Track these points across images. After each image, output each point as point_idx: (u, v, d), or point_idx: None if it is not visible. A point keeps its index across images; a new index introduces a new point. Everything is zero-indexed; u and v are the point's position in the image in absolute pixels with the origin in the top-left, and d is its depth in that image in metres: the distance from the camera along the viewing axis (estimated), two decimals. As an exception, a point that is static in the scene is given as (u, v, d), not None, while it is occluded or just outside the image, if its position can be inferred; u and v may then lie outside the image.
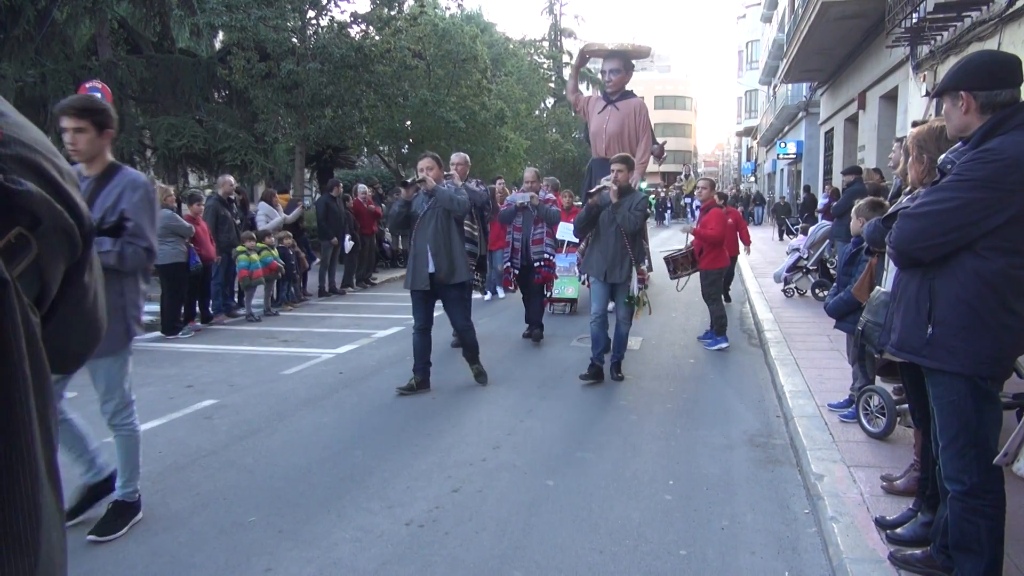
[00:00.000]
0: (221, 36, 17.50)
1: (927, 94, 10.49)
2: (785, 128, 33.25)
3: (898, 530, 3.14)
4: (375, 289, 12.70)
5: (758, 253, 11.33)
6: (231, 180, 9.78)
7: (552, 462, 4.30)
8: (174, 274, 8.20)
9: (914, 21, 10.03)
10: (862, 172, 9.46)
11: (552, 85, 34.76)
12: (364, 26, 15.56)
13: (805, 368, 6.15)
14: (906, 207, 2.59)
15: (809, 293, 10.29)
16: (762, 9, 37.50)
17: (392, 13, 15.65)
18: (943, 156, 2.55)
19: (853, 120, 17.60)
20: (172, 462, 4.32)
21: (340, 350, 7.47)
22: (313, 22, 15.32)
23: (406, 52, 15.84)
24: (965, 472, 2.44)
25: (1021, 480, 3.59)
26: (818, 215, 15.66)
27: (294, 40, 14.68)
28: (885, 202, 4.40)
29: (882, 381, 4.37)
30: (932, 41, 10.46)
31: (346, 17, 15.39)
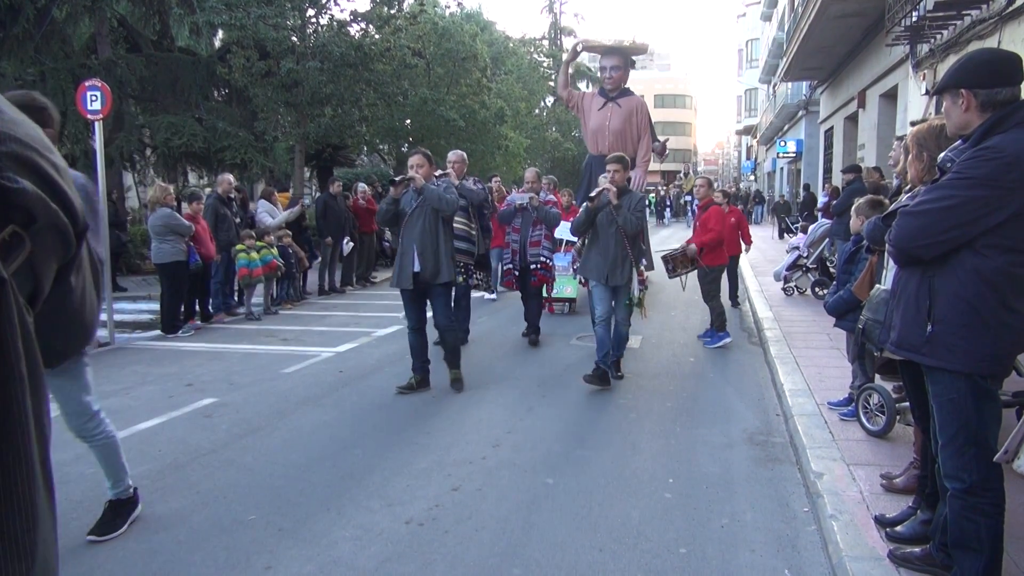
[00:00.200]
0: (221, 35, 17.48)
1: (927, 92, 10.49)
2: (785, 127, 33.25)
3: (898, 528, 3.14)
4: (375, 287, 12.70)
5: (758, 252, 11.31)
6: (230, 178, 9.76)
7: (552, 460, 4.30)
8: (174, 273, 8.20)
9: (914, 19, 10.03)
10: (862, 171, 9.45)
11: (552, 84, 34.68)
12: (364, 25, 15.54)
13: (805, 366, 6.16)
14: (906, 205, 2.58)
15: (809, 292, 10.30)
16: (762, 8, 37.49)
17: (392, 12, 15.63)
18: (943, 154, 2.55)
19: (853, 119, 17.60)
20: (172, 460, 4.33)
21: (340, 348, 7.48)
22: (313, 21, 15.30)
23: (406, 51, 15.82)
24: (964, 470, 2.44)
25: (1021, 478, 3.60)
26: (818, 214, 15.67)
27: (294, 39, 14.66)
28: (885, 200, 4.39)
29: (882, 379, 4.37)
30: (932, 39, 10.46)
31: (346, 16, 15.37)
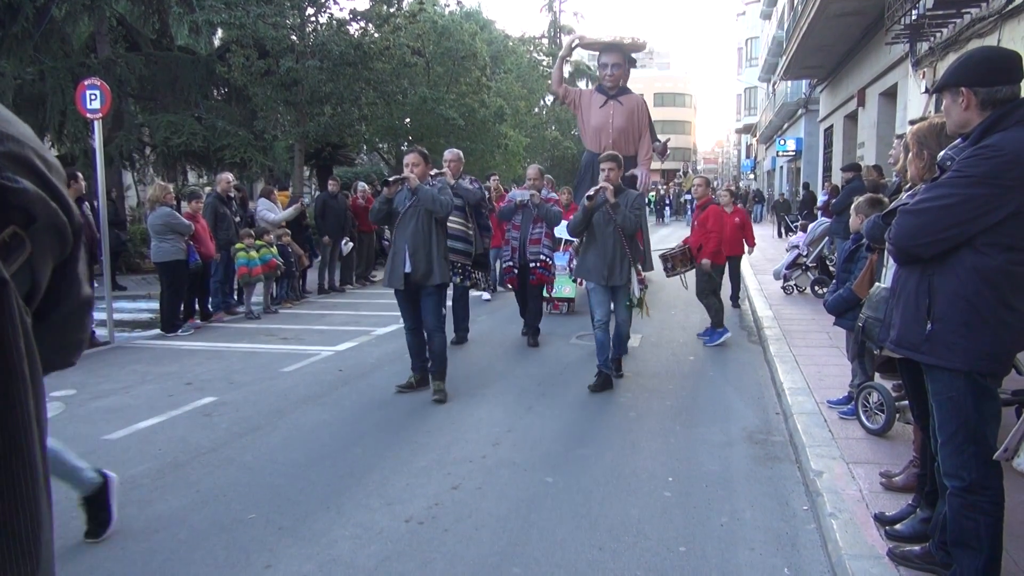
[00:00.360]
0: (220, 33, 17.45)
1: (927, 91, 10.49)
2: (784, 125, 33.24)
3: (897, 526, 3.14)
4: (374, 287, 12.69)
5: (757, 251, 11.31)
6: (229, 177, 9.75)
7: (551, 459, 4.30)
8: (174, 271, 8.20)
9: (913, 18, 10.03)
10: (861, 169, 9.46)
11: (551, 82, 34.66)
12: (363, 23, 15.52)
13: (804, 365, 6.16)
14: (906, 203, 2.58)
15: (808, 290, 10.30)
16: (762, 6, 37.46)
17: (391, 10, 15.62)
18: (943, 152, 2.55)
19: (852, 117, 17.59)
20: (171, 459, 4.32)
21: (339, 347, 7.47)
22: (312, 19, 15.29)
23: (405, 49, 15.82)
24: (964, 468, 2.44)
25: (1021, 476, 3.60)
26: (817, 212, 15.67)
27: (293, 37, 14.65)
28: (884, 199, 4.39)
29: (881, 378, 4.37)
30: (931, 38, 10.46)
31: (345, 14, 15.36)
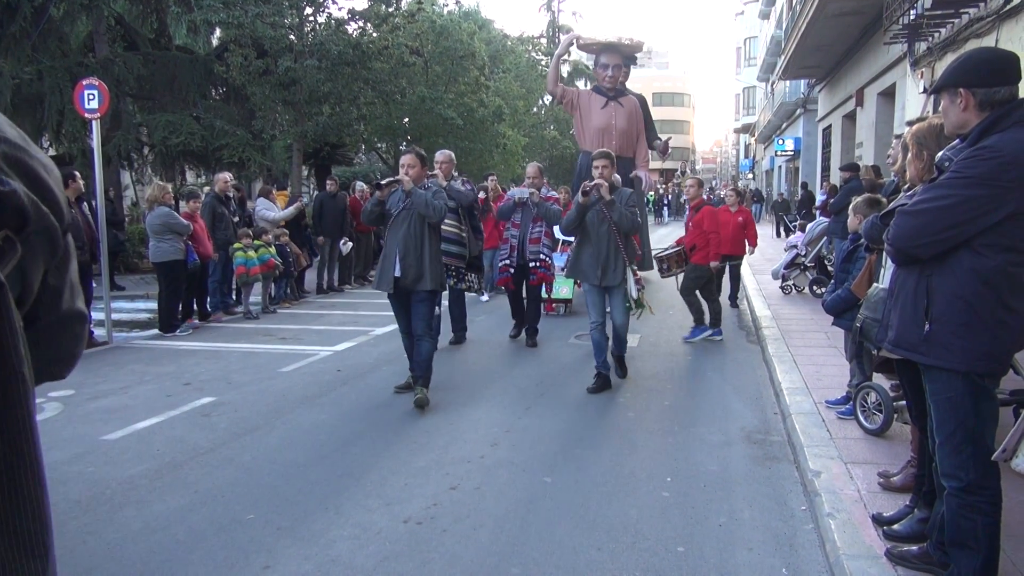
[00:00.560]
0: (218, 33, 17.43)
1: (925, 91, 10.50)
2: (783, 125, 33.26)
3: (895, 526, 3.15)
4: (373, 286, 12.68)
5: (756, 250, 11.33)
6: (226, 177, 9.74)
7: (550, 459, 4.31)
8: (172, 271, 8.19)
9: (912, 18, 10.05)
10: (860, 169, 9.47)
11: (547, 90, 34.62)
12: (361, 23, 15.51)
13: (803, 365, 6.16)
14: (904, 204, 2.59)
15: (807, 290, 10.31)
16: (760, 6, 37.48)
17: (390, 10, 15.62)
18: (941, 153, 2.55)
19: (851, 117, 17.61)
20: (170, 460, 4.32)
21: (338, 347, 7.47)
22: (311, 19, 15.28)
23: (404, 49, 15.80)
24: (962, 468, 2.44)
25: (1019, 476, 3.60)
26: (816, 212, 15.68)
27: (291, 37, 14.64)
28: (882, 199, 4.39)
29: (885, 378, 4.37)
30: (930, 38, 10.48)
31: (343, 14, 15.36)
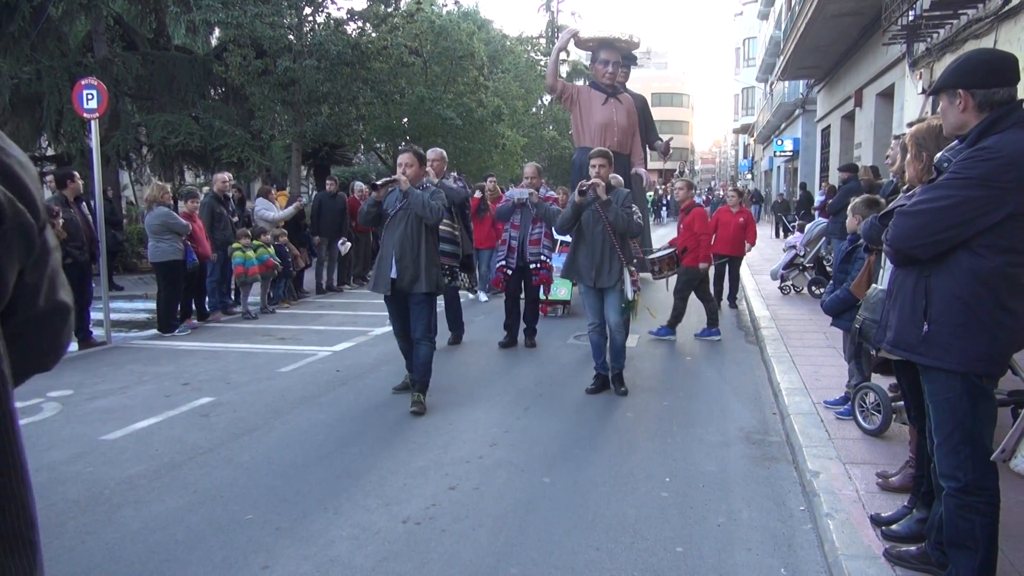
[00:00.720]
0: (217, 33, 17.42)
1: (923, 91, 10.51)
2: (782, 125, 33.28)
3: (893, 527, 3.15)
4: (372, 286, 12.68)
5: (755, 250, 11.34)
6: (224, 177, 9.72)
7: (549, 459, 4.31)
8: (171, 271, 8.18)
9: (910, 19, 10.06)
10: (858, 170, 9.48)
11: (547, 84, 34.64)
12: (360, 23, 15.51)
13: (801, 365, 6.16)
14: (903, 205, 2.59)
15: (805, 290, 10.31)
16: (759, 6, 37.49)
17: (389, 10, 15.62)
18: (939, 154, 2.55)
19: (850, 117, 17.62)
20: (168, 460, 4.32)
21: (337, 347, 7.47)
22: (309, 19, 15.27)
23: (403, 49, 15.80)
24: (960, 469, 2.44)
25: (1018, 476, 3.61)
26: (814, 212, 15.69)
27: (290, 37, 14.63)
28: (881, 200, 4.40)
29: (884, 378, 4.37)
30: (928, 39, 10.48)
31: (342, 14, 15.35)
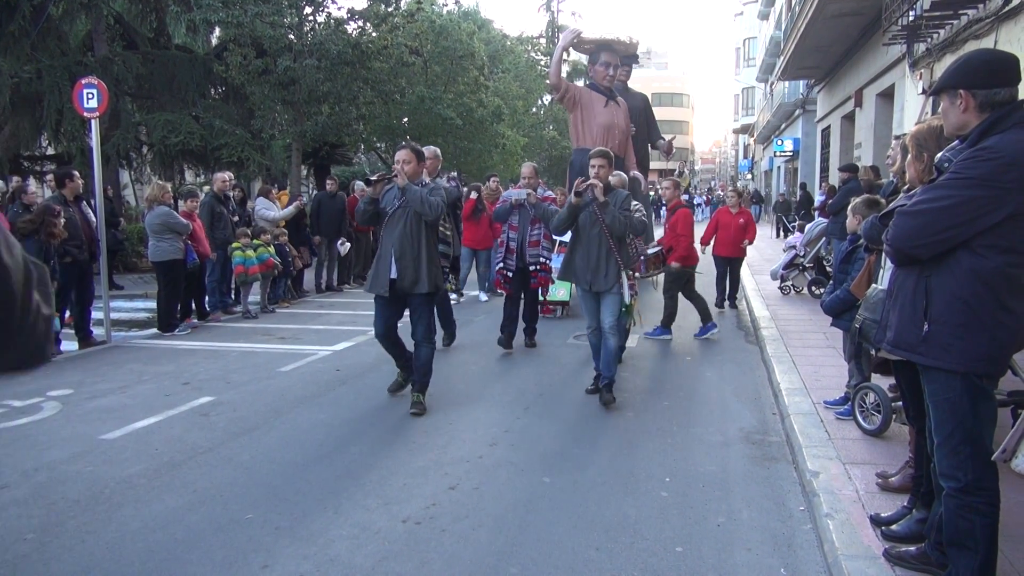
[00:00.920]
0: (217, 32, 17.42)
1: (924, 92, 10.51)
2: (782, 125, 33.27)
3: (893, 527, 3.15)
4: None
5: (755, 251, 11.35)
6: (224, 176, 9.72)
7: (549, 459, 4.31)
8: (171, 271, 8.18)
9: (911, 19, 10.06)
10: (858, 170, 9.48)
11: (549, 82, 34.66)
12: (361, 23, 15.51)
13: (801, 365, 6.17)
14: (903, 205, 2.59)
15: (805, 291, 10.32)
16: (759, 6, 37.49)
17: (389, 10, 15.62)
18: (940, 154, 2.56)
19: (850, 117, 17.61)
20: (168, 459, 4.32)
21: (337, 347, 7.47)
22: (310, 18, 15.27)
23: (403, 49, 15.80)
24: (960, 469, 2.45)
25: (1018, 476, 3.61)
26: (815, 213, 15.69)
27: (291, 36, 14.63)
28: (881, 200, 4.40)
29: (886, 378, 4.37)
30: (928, 39, 10.48)
31: (343, 13, 15.35)
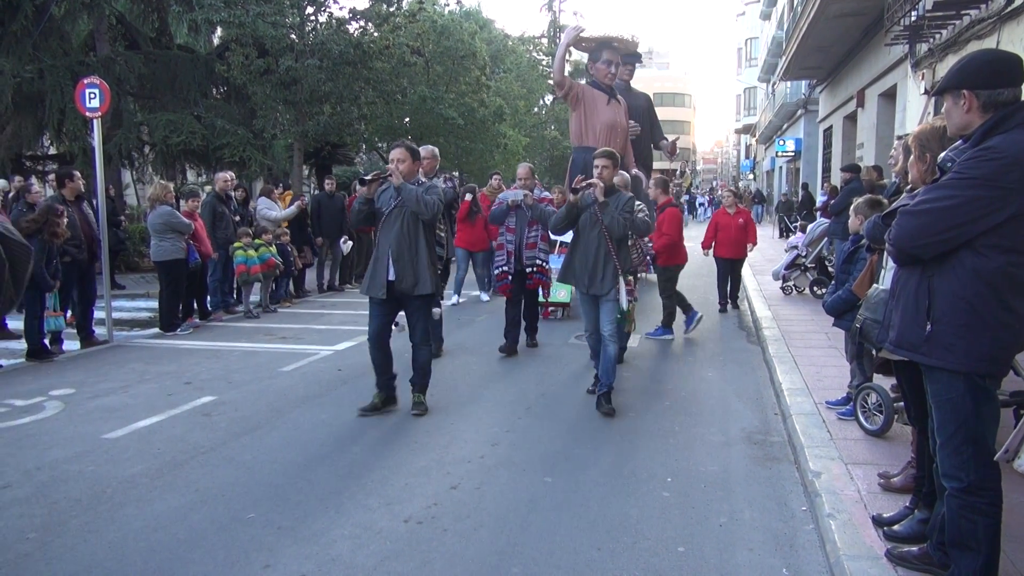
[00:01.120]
0: (219, 32, 17.45)
1: (926, 92, 10.50)
2: (784, 125, 33.25)
3: (895, 527, 3.15)
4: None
5: (757, 251, 11.34)
6: (226, 176, 9.72)
7: (550, 459, 4.31)
8: (173, 270, 8.19)
9: (913, 19, 10.05)
10: (860, 170, 9.47)
11: (551, 82, 34.69)
12: (363, 22, 15.53)
13: (803, 365, 6.16)
14: (906, 204, 2.59)
15: (807, 291, 10.31)
16: (761, 6, 37.45)
17: (391, 9, 15.63)
18: (943, 154, 2.55)
19: (852, 118, 17.59)
20: (170, 459, 4.32)
21: (338, 347, 7.47)
22: (312, 18, 15.28)
23: (405, 49, 15.81)
24: (962, 469, 2.44)
25: (1021, 477, 3.60)
26: (816, 213, 15.69)
27: (292, 36, 14.64)
28: (883, 200, 4.40)
29: (888, 378, 4.37)
30: (931, 39, 10.47)
31: (345, 13, 15.36)
